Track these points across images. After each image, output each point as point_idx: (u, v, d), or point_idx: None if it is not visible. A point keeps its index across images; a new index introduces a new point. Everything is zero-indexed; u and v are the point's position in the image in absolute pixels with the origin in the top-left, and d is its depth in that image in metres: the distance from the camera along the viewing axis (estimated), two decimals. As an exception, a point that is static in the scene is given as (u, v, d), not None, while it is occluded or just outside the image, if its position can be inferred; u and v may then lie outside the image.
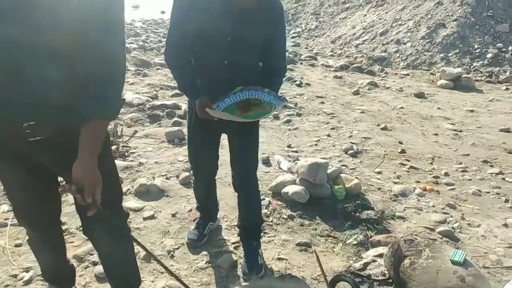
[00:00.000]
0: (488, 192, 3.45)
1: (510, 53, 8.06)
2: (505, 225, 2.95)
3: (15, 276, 2.29)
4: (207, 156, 2.33)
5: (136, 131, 4.47)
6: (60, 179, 1.72)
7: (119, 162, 3.66)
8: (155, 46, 9.73)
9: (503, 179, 3.71)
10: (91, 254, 2.47)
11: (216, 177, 2.59)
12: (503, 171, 3.85)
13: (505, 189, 3.50)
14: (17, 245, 2.52)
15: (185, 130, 4.50)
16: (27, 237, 1.84)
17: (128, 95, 5.56)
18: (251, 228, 2.46)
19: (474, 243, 2.70)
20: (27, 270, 2.33)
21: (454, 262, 2.06)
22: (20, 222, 1.77)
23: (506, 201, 3.31)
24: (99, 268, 2.31)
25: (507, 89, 7.03)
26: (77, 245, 2.57)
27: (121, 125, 4.56)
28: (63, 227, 2.72)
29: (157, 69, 7.45)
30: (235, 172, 2.35)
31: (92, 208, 1.32)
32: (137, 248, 2.55)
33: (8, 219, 2.72)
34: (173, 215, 2.93)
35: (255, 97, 1.94)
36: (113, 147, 3.82)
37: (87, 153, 1.31)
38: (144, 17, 16.82)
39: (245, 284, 2.21)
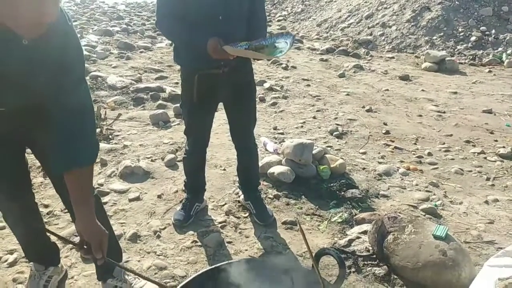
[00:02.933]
0: (470, 171, 3.51)
1: (493, 36, 8.13)
2: (486, 202, 3.02)
3: (-1, 258, 2.27)
4: (207, 127, 2.48)
5: (120, 114, 4.41)
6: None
7: (103, 145, 3.62)
8: (138, 29, 9.55)
9: (485, 158, 3.77)
10: (76, 236, 2.45)
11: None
12: (485, 150, 3.91)
13: (487, 168, 3.57)
14: (0, 228, 2.49)
15: (170, 112, 4.48)
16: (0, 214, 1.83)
17: (112, 78, 5.47)
18: (251, 178, 2.73)
19: (456, 220, 2.76)
20: (11, 252, 2.31)
21: (436, 237, 2.11)
22: None
23: (488, 179, 3.38)
24: (85, 249, 2.30)
25: (490, 71, 7.11)
26: (62, 227, 2.55)
27: (105, 108, 4.50)
28: (48, 210, 2.70)
29: (141, 52, 7.34)
30: (234, 133, 2.56)
31: (101, 260, 1.34)
32: (122, 229, 2.55)
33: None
34: (159, 197, 2.91)
35: (262, 44, 2.02)
36: (97, 130, 3.77)
37: (81, 208, 1.32)
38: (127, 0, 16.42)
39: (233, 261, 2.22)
